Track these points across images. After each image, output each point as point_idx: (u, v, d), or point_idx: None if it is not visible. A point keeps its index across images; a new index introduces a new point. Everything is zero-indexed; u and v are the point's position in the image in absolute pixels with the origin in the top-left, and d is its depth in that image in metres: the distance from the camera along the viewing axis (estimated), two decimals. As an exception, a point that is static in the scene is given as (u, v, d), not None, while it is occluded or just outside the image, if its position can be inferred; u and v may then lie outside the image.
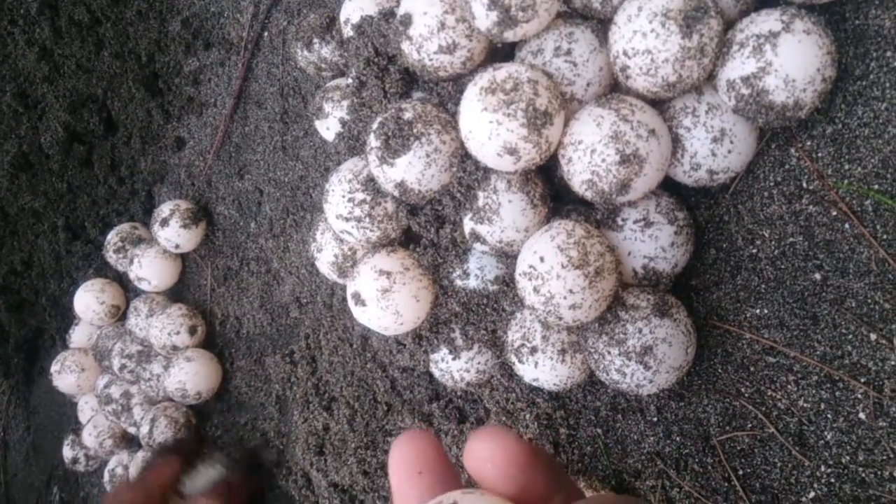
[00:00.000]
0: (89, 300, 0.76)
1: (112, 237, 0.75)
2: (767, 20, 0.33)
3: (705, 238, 0.39)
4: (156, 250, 0.71)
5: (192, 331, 0.68)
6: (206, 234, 0.72)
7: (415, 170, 0.39)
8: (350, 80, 0.46)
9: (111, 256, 0.75)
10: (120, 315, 0.78)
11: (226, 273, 0.70)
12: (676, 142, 0.36)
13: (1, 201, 0.89)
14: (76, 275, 0.85)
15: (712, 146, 0.35)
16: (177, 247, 0.70)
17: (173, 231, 0.69)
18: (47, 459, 0.95)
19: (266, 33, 0.67)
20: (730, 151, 0.35)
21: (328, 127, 0.53)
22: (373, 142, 0.40)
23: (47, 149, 0.82)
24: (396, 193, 0.40)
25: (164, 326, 0.67)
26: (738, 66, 0.33)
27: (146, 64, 0.77)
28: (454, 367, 0.44)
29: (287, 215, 0.64)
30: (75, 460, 0.80)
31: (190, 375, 0.64)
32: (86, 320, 0.79)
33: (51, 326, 0.90)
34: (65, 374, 0.77)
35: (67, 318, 0.87)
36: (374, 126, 0.40)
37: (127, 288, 0.79)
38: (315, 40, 0.54)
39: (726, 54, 0.34)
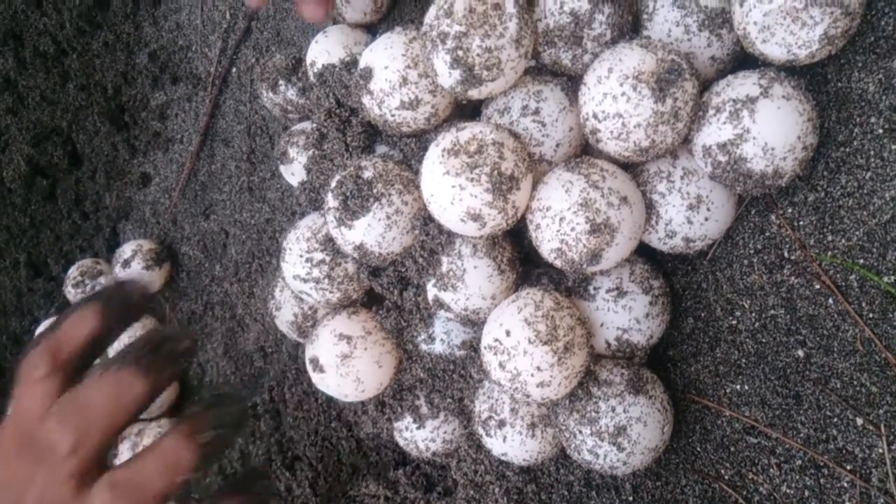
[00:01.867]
0: (49, 341, 0.73)
1: (73, 272, 0.72)
2: (745, 84, 0.31)
3: (683, 306, 0.36)
4: (119, 291, 0.69)
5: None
6: (169, 275, 0.69)
7: (374, 232, 0.36)
8: (306, 137, 0.43)
9: (69, 291, 0.72)
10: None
11: (189, 317, 0.68)
12: (650, 208, 0.34)
13: (-39, 235, 0.86)
14: (37, 313, 0.82)
15: (688, 213, 0.33)
16: (140, 290, 0.67)
17: (136, 273, 0.67)
18: None
19: (234, 69, 0.64)
20: (706, 219, 0.33)
21: (293, 172, 0.51)
22: (331, 202, 0.37)
23: (9, 182, 0.80)
24: (356, 256, 0.38)
25: (129, 336, 0.65)
26: (714, 132, 0.31)
27: (112, 97, 0.75)
28: (419, 436, 0.42)
29: (253, 259, 0.61)
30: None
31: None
32: (46, 362, 0.75)
33: (12, 366, 0.87)
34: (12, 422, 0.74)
35: (29, 357, 0.84)
36: (333, 185, 0.38)
37: (90, 328, 0.76)
38: (280, 82, 0.52)
39: (702, 118, 0.32)
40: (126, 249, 0.68)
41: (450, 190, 0.33)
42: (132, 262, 0.67)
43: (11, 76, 0.79)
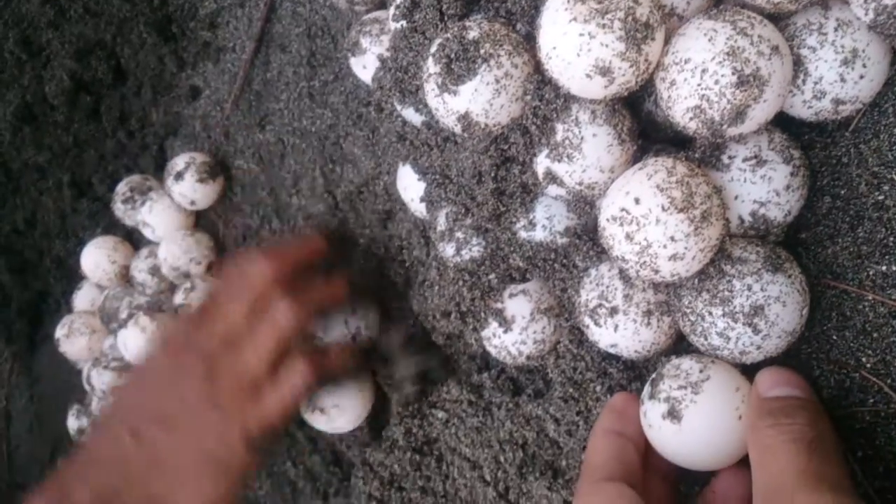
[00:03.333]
0: (99, 258, 0.71)
1: (121, 187, 0.71)
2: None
3: (819, 184, 0.33)
4: (168, 202, 0.66)
5: (209, 267, 0.65)
6: (223, 190, 0.66)
7: (482, 98, 0.33)
8: (394, 9, 0.40)
9: (118, 207, 0.70)
10: (128, 277, 0.73)
11: (244, 232, 0.66)
12: (798, 64, 0.30)
13: (3, 156, 0.84)
14: (82, 234, 0.81)
15: (841, 70, 0.30)
16: (192, 203, 0.65)
17: (188, 186, 0.64)
18: (52, 430, 0.91)
19: (292, -32, 0.61)
20: (861, 77, 0.30)
21: (365, 65, 0.48)
22: (431, 67, 0.34)
23: (52, 99, 0.78)
24: (459, 128, 0.35)
25: (186, 249, 0.64)
26: (882, -30, 0.28)
27: (158, 7, 0.73)
28: (508, 340, 0.39)
29: (315, 167, 0.58)
30: (81, 431, 0.76)
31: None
32: (93, 280, 0.74)
33: (55, 289, 0.86)
34: (73, 338, 0.73)
35: (73, 280, 0.82)
36: (433, 49, 0.34)
37: (137, 249, 0.74)
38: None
39: (866, -43, 0.28)
40: (179, 162, 0.66)
41: (577, 39, 0.29)
42: (185, 175, 0.65)
43: (53, -13, 0.76)
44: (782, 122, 0.33)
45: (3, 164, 0.85)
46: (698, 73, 0.29)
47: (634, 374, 0.38)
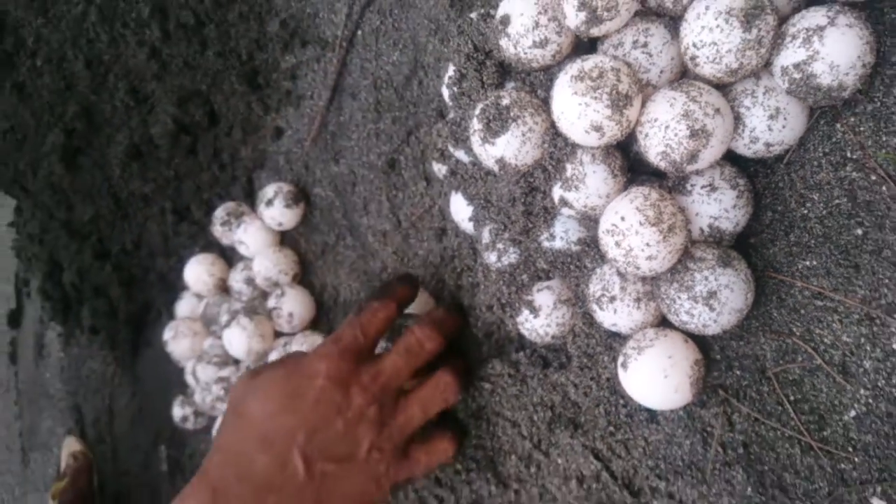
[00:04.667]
0: (200, 272, 0.85)
1: (219, 212, 0.84)
2: (815, 16, 0.39)
3: (762, 202, 0.45)
4: (259, 224, 0.80)
5: (295, 277, 0.78)
6: (304, 213, 0.80)
7: (512, 147, 0.46)
8: (448, 79, 0.53)
9: (217, 229, 0.84)
10: (224, 288, 0.87)
11: (323, 248, 0.79)
12: (738, 119, 0.42)
13: (113, 187, 0.98)
14: (182, 253, 0.94)
15: (769, 122, 0.42)
16: (280, 224, 0.79)
17: (278, 210, 0.78)
18: (153, 422, 1.05)
19: (360, 31, 0.74)
20: (784, 126, 0.42)
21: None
22: (476, 125, 0.47)
23: (157, 139, 0.91)
24: (496, 168, 0.48)
25: (276, 262, 0.77)
26: (790, 55, 0.40)
27: (246, 61, 0.85)
28: (537, 324, 0.52)
29: (381, 193, 0.71)
30: (185, 418, 0.89)
31: (297, 304, 0.74)
32: (194, 290, 0.88)
33: (158, 301, 1.00)
34: (178, 340, 0.86)
35: (173, 292, 0.96)
36: (477, 112, 0.47)
37: (230, 264, 0.88)
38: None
39: (780, 45, 0.40)
40: (269, 191, 0.79)
41: (577, 107, 0.42)
42: (274, 202, 0.78)
43: (157, 46, 0.91)
44: (732, 158, 0.45)
45: (113, 195, 1.00)
46: (663, 129, 0.41)
47: (633, 348, 0.50)
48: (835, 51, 0.38)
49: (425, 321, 0.55)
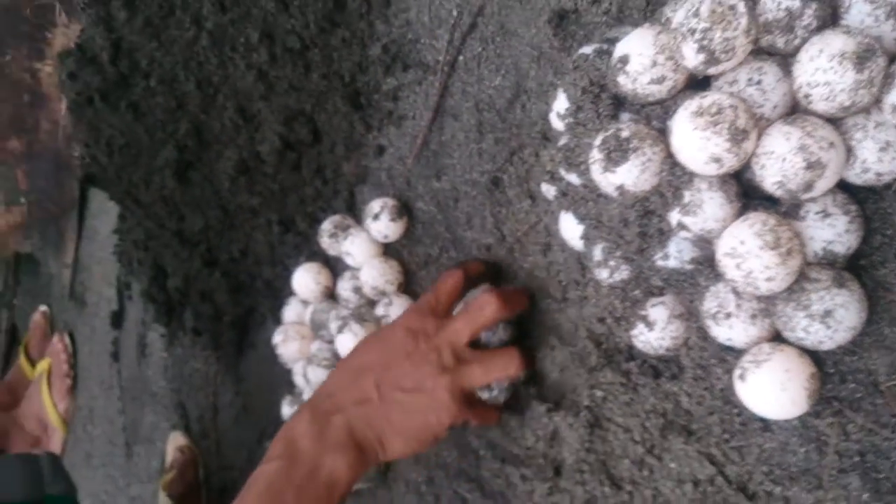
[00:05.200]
0: (308, 280, 0.91)
1: (327, 225, 0.89)
2: (926, 56, 0.42)
3: (872, 227, 0.48)
4: (365, 236, 0.85)
5: (399, 286, 0.83)
6: (407, 226, 0.85)
7: (632, 175, 0.50)
8: (565, 111, 0.57)
9: (325, 241, 0.89)
10: (329, 295, 0.93)
11: (426, 259, 0.83)
12: (849, 151, 0.46)
13: (222, 200, 1.05)
14: (287, 262, 1.00)
15: (879, 154, 0.45)
16: (385, 237, 0.84)
17: (384, 224, 0.83)
18: (257, 420, 1.12)
19: (462, 57, 0.79)
20: (893, 158, 0.45)
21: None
22: (596, 155, 0.51)
23: (265, 156, 0.97)
24: (616, 194, 0.51)
25: (383, 272, 0.83)
26: (901, 93, 0.43)
27: (349, 83, 0.90)
28: (651, 337, 0.56)
29: (484, 209, 0.76)
30: (293, 417, 0.95)
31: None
32: (301, 297, 0.94)
33: (263, 306, 1.06)
34: (288, 343, 0.92)
35: (277, 298, 1.02)
36: (597, 142, 0.51)
37: (335, 272, 0.94)
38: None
39: (890, 83, 0.43)
40: (374, 206, 0.84)
41: (698, 141, 0.46)
42: (381, 216, 0.83)
43: (264, 69, 0.96)
44: (843, 186, 0.48)
45: (222, 206, 1.06)
46: (780, 161, 0.45)
47: (743, 360, 0.53)
48: (946, 89, 0.41)
49: (489, 289, 0.68)
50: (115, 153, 1.17)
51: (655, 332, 0.55)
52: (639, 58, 0.49)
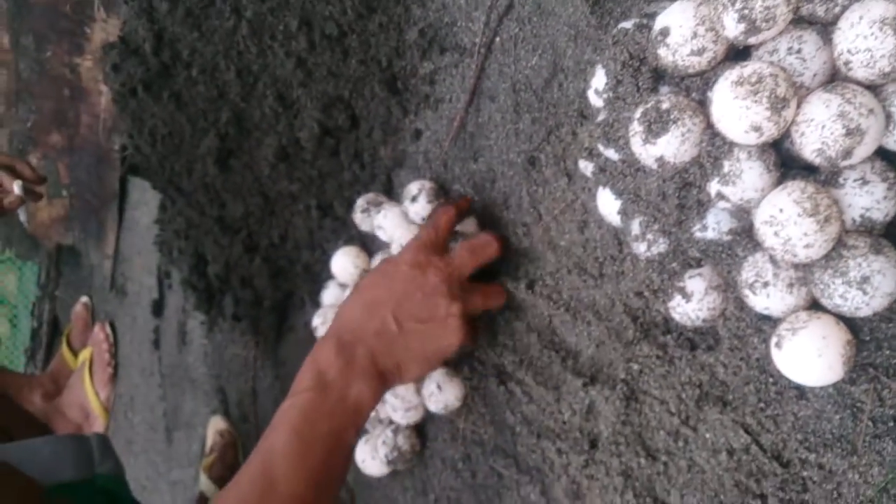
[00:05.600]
0: (346, 263, 0.93)
1: (360, 202, 0.91)
2: (968, 21, 0.42)
3: (911, 194, 0.48)
4: (397, 211, 0.86)
5: None
6: (445, 207, 0.86)
7: (672, 147, 0.51)
8: (605, 85, 0.58)
9: (358, 216, 0.91)
10: (367, 278, 0.94)
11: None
12: (889, 117, 0.46)
13: (263, 186, 1.07)
14: (326, 246, 1.02)
15: (920, 120, 0.45)
16: (423, 219, 0.85)
17: (421, 206, 0.84)
18: (295, 402, 1.14)
19: (498, 38, 0.80)
20: (934, 123, 0.45)
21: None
22: (636, 127, 0.52)
23: (304, 142, 0.99)
24: (656, 166, 0.52)
25: None
26: (943, 58, 0.43)
27: (386, 68, 0.92)
28: (689, 308, 0.56)
29: (521, 189, 0.77)
30: (330, 397, 0.97)
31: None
32: (339, 280, 0.96)
33: (302, 290, 1.09)
34: (327, 325, 0.94)
35: (317, 282, 1.04)
36: (637, 115, 0.52)
37: (371, 255, 0.96)
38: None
39: (933, 48, 0.44)
40: (412, 188, 0.86)
41: (738, 110, 0.46)
42: (419, 198, 0.85)
43: (303, 56, 0.98)
44: (882, 153, 0.48)
45: (263, 193, 1.09)
46: (819, 128, 0.45)
47: (781, 330, 0.54)
48: None
49: (489, 232, 0.77)
50: (157, 143, 1.20)
51: (693, 303, 0.56)
52: (679, 29, 0.50)
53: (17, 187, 1.09)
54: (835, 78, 0.48)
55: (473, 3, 0.82)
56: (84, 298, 1.95)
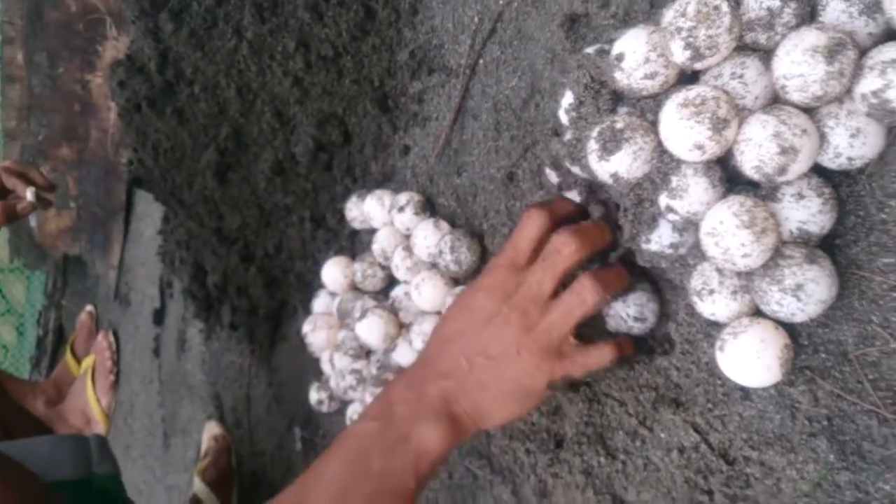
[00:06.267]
0: (336, 273, 0.97)
1: (352, 196, 0.96)
2: (891, 50, 0.46)
3: (846, 208, 0.52)
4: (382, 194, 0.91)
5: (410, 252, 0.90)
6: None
7: (625, 163, 0.55)
8: (567, 105, 0.62)
9: (350, 204, 0.96)
10: (355, 286, 0.98)
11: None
12: (823, 137, 0.50)
13: (259, 199, 1.12)
14: (318, 256, 1.06)
15: (850, 140, 0.49)
16: (407, 229, 0.89)
17: (407, 217, 0.88)
18: (288, 409, 1.17)
19: (482, 60, 0.84)
20: (864, 143, 0.49)
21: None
22: (593, 145, 0.56)
23: (299, 157, 1.03)
24: (611, 181, 0.56)
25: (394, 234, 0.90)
26: (868, 83, 0.47)
27: (378, 87, 0.96)
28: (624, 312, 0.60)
29: (500, 203, 0.81)
30: (320, 402, 1.01)
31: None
32: (329, 289, 1.00)
33: (295, 298, 1.12)
34: (317, 332, 0.98)
35: (309, 291, 1.08)
36: (594, 134, 0.56)
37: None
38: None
39: (859, 75, 0.48)
40: (401, 198, 0.90)
41: (683, 130, 0.50)
42: (406, 209, 0.89)
43: (300, 75, 1.03)
44: (819, 170, 0.52)
45: (259, 205, 1.13)
46: (757, 146, 0.49)
47: (730, 336, 0.57)
48: (907, 80, 0.45)
49: (563, 228, 0.61)
50: (160, 156, 1.24)
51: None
52: (633, 55, 0.54)
53: (29, 194, 1.14)
54: (775, 101, 0.52)
55: (460, 26, 0.87)
56: (89, 307, 2.00)
